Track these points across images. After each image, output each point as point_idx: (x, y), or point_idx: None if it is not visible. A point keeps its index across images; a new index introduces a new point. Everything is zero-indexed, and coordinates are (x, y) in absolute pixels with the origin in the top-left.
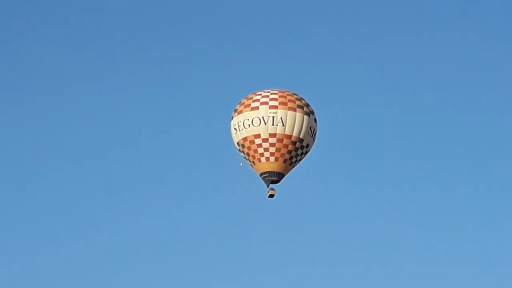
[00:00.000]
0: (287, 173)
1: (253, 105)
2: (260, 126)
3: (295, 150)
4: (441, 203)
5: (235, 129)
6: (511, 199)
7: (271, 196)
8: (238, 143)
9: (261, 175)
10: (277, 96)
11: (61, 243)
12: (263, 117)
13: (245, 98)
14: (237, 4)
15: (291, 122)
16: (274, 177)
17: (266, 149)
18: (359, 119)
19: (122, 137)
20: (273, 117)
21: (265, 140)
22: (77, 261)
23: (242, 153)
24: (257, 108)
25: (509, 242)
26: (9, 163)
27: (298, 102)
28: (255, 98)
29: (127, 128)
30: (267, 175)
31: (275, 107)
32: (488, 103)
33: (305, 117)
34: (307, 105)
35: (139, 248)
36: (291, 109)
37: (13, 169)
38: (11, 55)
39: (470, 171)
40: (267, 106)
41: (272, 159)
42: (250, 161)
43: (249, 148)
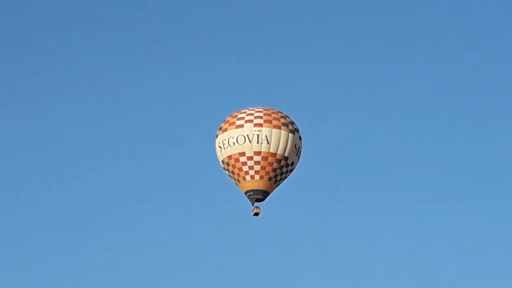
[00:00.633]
0: (272, 191)
1: (238, 123)
2: (245, 144)
3: (280, 168)
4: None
5: (220, 147)
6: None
7: (256, 214)
8: (223, 161)
9: (246, 193)
10: (262, 114)
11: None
12: (248, 135)
13: (230, 116)
14: (221, 21)
15: (276, 140)
16: (259, 195)
17: (251, 167)
18: (344, 137)
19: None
20: (258, 135)
21: (250, 158)
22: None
23: (227, 171)
24: (242, 126)
25: (509, 242)
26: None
27: (283, 120)
28: (239, 116)
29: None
30: (252, 193)
31: (260, 125)
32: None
33: (290, 135)
34: (292, 123)
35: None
36: (276, 127)
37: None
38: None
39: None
40: (252, 124)
41: (257, 177)
42: (235, 179)
43: (234, 166)
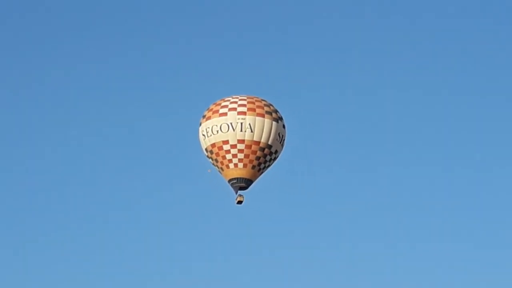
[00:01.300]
0: (255, 179)
1: (222, 111)
2: (228, 132)
3: (264, 156)
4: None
5: (204, 135)
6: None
7: (240, 202)
8: (206, 149)
9: (229, 181)
10: (245, 102)
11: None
12: (231, 123)
13: (213, 104)
14: (203, 8)
15: (260, 128)
16: (242, 184)
17: (234, 155)
18: (327, 125)
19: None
20: (242, 123)
21: (234, 146)
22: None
23: (210, 159)
24: (225, 114)
25: (509, 242)
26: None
27: (266, 108)
28: (223, 104)
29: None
30: (235, 181)
31: (244, 113)
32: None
33: (274, 123)
34: (276, 111)
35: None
36: (259, 115)
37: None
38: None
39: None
40: (236, 112)
41: (240, 165)
42: (218, 167)
43: (217, 154)
